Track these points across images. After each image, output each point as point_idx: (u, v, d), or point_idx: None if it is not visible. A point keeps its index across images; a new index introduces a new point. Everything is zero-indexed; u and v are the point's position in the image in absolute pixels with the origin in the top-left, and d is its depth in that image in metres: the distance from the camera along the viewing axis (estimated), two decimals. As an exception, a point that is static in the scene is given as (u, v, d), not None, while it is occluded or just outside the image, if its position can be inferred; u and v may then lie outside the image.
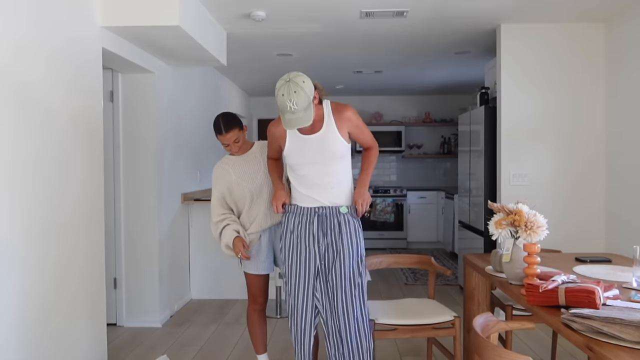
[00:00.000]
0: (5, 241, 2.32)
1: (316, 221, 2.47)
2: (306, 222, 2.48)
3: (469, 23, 4.27)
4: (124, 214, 4.14)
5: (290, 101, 2.18)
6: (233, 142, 2.79)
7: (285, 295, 2.59)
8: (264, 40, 4.76)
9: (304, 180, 2.49)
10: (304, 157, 2.46)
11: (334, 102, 2.49)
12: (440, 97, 8.46)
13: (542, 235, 2.15)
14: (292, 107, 2.19)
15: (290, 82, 2.20)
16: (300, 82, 2.20)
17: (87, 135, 3.03)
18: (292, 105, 2.18)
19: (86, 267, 3.02)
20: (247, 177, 2.82)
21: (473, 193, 4.95)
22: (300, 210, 2.51)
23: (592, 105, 4.28)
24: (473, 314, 2.91)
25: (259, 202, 2.83)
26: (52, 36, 2.67)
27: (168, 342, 3.83)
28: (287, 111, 2.21)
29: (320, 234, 2.46)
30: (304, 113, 2.23)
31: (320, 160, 2.44)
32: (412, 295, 5.08)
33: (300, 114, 2.22)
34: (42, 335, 2.59)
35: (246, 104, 8.13)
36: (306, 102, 2.22)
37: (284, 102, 2.19)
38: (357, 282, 2.47)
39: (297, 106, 2.19)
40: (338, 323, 2.45)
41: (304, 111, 2.23)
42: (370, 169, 2.60)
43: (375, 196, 7.82)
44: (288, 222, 2.55)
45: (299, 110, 2.21)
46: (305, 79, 2.23)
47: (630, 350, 1.51)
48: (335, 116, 2.45)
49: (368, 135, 2.60)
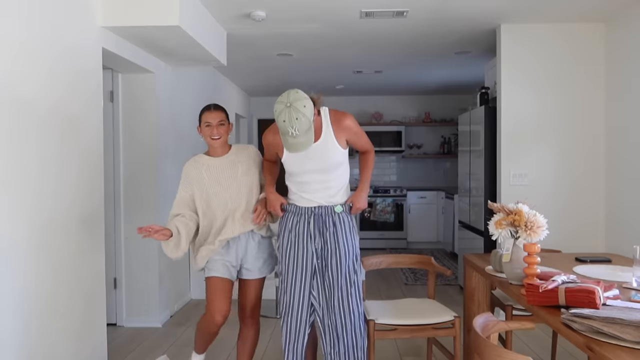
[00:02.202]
0: (6, 241, 2.32)
1: (312, 220, 2.49)
2: (304, 222, 2.50)
3: (469, 23, 4.27)
4: (124, 214, 4.14)
5: (292, 127, 2.17)
6: (217, 124, 2.62)
7: (280, 294, 2.57)
8: (264, 40, 4.76)
9: (302, 187, 2.51)
10: (302, 166, 2.46)
11: (333, 110, 2.48)
12: (440, 97, 8.46)
13: (542, 235, 2.15)
14: (294, 133, 2.19)
15: (291, 107, 2.16)
16: (302, 108, 2.17)
17: (87, 135, 3.03)
18: (294, 131, 2.18)
19: (86, 267, 3.02)
20: (222, 182, 2.63)
21: (473, 193, 4.95)
22: (298, 210, 2.52)
23: (592, 105, 4.28)
24: (473, 314, 2.91)
25: (232, 208, 2.63)
26: (52, 36, 2.67)
27: (168, 342, 3.83)
28: (289, 136, 2.22)
29: (317, 232, 2.48)
30: (305, 137, 2.23)
31: (319, 169, 2.45)
32: (412, 295, 5.08)
33: (302, 138, 2.23)
34: (42, 335, 2.59)
35: (246, 104, 8.12)
36: (307, 125, 2.21)
37: (285, 128, 2.19)
38: (352, 279, 2.49)
39: (299, 132, 2.19)
40: (334, 320, 2.46)
41: (305, 135, 2.23)
42: (370, 173, 2.62)
43: (375, 196, 7.82)
44: (287, 221, 2.55)
45: (301, 135, 2.21)
46: (305, 102, 2.19)
47: (630, 350, 1.51)
48: (334, 125, 2.44)
49: (366, 141, 2.60)
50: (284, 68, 6.02)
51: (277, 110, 2.19)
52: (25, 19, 2.44)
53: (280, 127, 2.20)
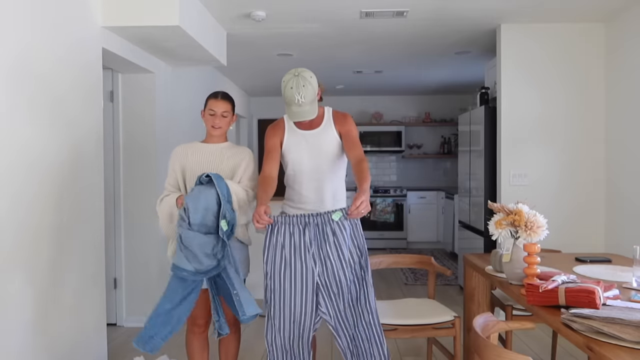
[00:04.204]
0: (6, 241, 2.32)
1: (307, 231, 2.27)
2: (298, 233, 2.27)
3: (469, 23, 4.27)
4: (124, 213, 4.14)
5: (299, 94, 2.27)
6: (221, 114, 2.52)
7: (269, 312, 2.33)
8: (264, 40, 4.76)
9: (299, 178, 2.51)
10: (298, 152, 2.51)
11: (335, 110, 2.58)
12: (440, 97, 8.46)
13: (542, 235, 2.15)
14: (300, 100, 2.28)
15: (299, 76, 2.29)
16: (308, 77, 2.31)
17: (87, 135, 3.03)
18: (300, 98, 2.28)
19: (86, 267, 3.02)
20: (204, 166, 2.53)
21: (473, 193, 4.95)
22: (290, 220, 2.28)
23: (592, 104, 4.28)
24: (473, 314, 2.91)
25: None
26: (53, 37, 2.67)
27: (168, 342, 3.82)
28: (295, 104, 2.30)
29: (314, 244, 2.27)
30: (310, 106, 2.33)
31: (315, 156, 2.49)
32: (412, 295, 5.08)
33: (307, 107, 2.32)
34: (42, 335, 2.59)
35: (246, 104, 8.12)
36: (313, 95, 2.32)
37: (292, 94, 2.28)
38: (362, 283, 2.33)
39: (305, 99, 2.29)
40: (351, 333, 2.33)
41: (310, 104, 2.33)
42: (368, 178, 2.35)
43: (375, 196, 7.82)
44: (277, 234, 2.29)
45: (306, 104, 2.31)
46: (312, 74, 2.34)
47: (630, 350, 1.51)
48: (335, 120, 2.54)
49: (360, 148, 2.50)
50: (284, 68, 6.03)
51: (285, 80, 2.31)
52: (25, 19, 2.44)
53: (287, 95, 2.29)
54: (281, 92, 2.36)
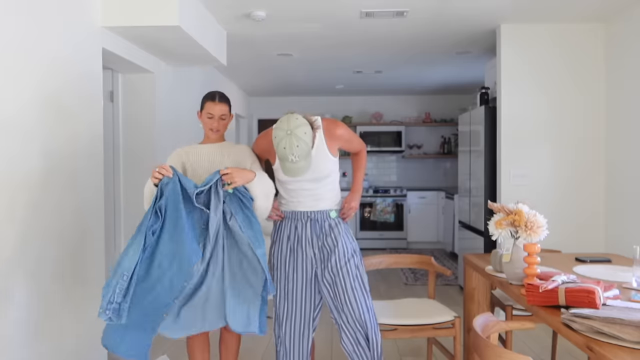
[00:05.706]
0: (6, 241, 2.32)
1: (309, 225, 2.46)
2: (302, 226, 2.47)
3: (469, 23, 4.27)
4: (124, 214, 4.13)
5: (293, 154, 2.19)
6: (219, 117, 2.55)
7: (276, 303, 2.49)
8: (264, 40, 4.76)
9: (293, 194, 2.49)
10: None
11: (325, 120, 2.46)
12: (440, 97, 8.46)
13: (542, 235, 2.15)
14: (294, 159, 2.21)
15: (292, 135, 2.17)
16: (302, 135, 2.18)
17: (87, 135, 3.03)
18: (295, 157, 2.20)
19: (86, 267, 3.02)
20: (207, 166, 2.54)
21: (473, 193, 4.95)
22: (295, 215, 2.48)
23: (592, 105, 4.28)
24: (473, 314, 2.91)
25: None
26: (52, 36, 2.67)
27: (168, 342, 3.83)
28: (289, 162, 2.23)
29: (315, 237, 2.46)
30: (304, 161, 2.25)
31: (309, 178, 2.44)
32: (412, 295, 5.08)
33: (301, 163, 2.24)
34: (42, 335, 2.59)
35: (246, 104, 8.12)
36: (307, 150, 2.22)
37: (285, 154, 2.20)
38: (354, 273, 2.43)
39: (299, 158, 2.21)
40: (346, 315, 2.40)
41: (305, 159, 2.24)
42: (362, 173, 2.66)
43: (375, 196, 7.82)
44: (284, 227, 2.51)
45: (300, 160, 2.23)
46: (305, 128, 2.20)
47: (630, 350, 1.51)
48: (327, 136, 2.43)
49: (358, 143, 2.62)
50: (284, 68, 6.02)
51: (278, 137, 2.20)
52: (25, 19, 2.44)
53: (280, 153, 2.21)
54: (280, 93, 2.35)
